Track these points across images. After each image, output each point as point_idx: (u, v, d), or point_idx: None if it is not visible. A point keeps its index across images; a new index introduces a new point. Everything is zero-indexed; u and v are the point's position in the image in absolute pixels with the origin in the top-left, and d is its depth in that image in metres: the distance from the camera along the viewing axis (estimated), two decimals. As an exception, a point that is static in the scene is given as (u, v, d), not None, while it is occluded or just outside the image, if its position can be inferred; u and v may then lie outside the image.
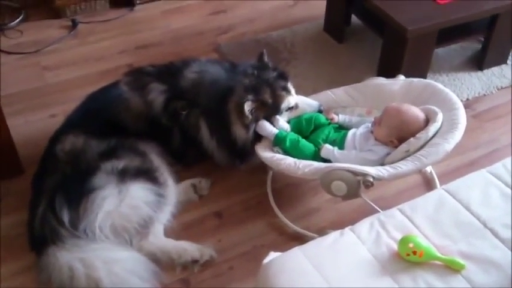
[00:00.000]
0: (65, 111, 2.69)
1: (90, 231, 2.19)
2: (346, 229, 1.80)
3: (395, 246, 1.71)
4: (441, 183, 2.56)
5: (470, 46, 3.42)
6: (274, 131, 2.43)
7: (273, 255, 1.75)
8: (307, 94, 2.69)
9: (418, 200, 1.91)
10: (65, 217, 2.19)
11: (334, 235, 1.77)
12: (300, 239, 2.37)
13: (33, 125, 2.91)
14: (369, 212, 2.29)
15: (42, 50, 3.43)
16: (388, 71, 2.84)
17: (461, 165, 2.71)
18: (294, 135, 2.41)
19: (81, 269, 2.06)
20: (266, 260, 1.71)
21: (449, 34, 2.97)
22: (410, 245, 1.66)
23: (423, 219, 1.81)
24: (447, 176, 2.58)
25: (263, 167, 2.54)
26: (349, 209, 2.47)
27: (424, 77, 2.99)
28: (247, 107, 2.38)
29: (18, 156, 2.62)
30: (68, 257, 2.10)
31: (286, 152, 2.41)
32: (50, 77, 3.25)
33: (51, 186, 2.30)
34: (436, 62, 3.20)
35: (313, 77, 3.22)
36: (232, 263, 2.30)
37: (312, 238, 2.34)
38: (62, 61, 3.37)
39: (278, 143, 2.41)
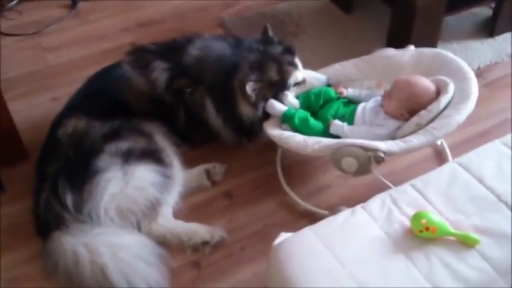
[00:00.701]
0: (68, 94, 2.64)
1: (94, 215, 2.16)
2: (358, 207, 1.76)
3: (407, 223, 1.67)
4: (453, 155, 2.52)
5: (481, 12, 3.33)
6: (283, 108, 2.38)
7: (283, 236, 1.72)
8: (315, 68, 2.63)
9: (430, 175, 1.86)
10: (69, 201, 2.16)
11: (345, 214, 1.73)
12: (310, 217, 2.34)
13: (35, 109, 2.86)
14: (380, 187, 2.25)
15: (42, 31, 3.37)
16: (398, 41, 2.77)
17: (473, 135, 2.65)
18: (303, 113, 2.36)
19: (86, 255, 2.03)
20: (277, 242, 1.68)
21: (459, 1, 2.88)
22: (423, 221, 1.62)
23: (436, 194, 1.77)
24: (459, 148, 2.54)
25: (272, 145, 2.49)
26: (360, 185, 2.43)
27: (435, 46, 2.91)
28: (250, 87, 2.32)
29: (21, 141, 2.58)
30: (72, 242, 2.08)
31: (295, 130, 2.36)
32: (52, 58, 3.20)
33: (54, 170, 2.26)
34: (446, 30, 3.11)
35: (321, 50, 3.15)
36: (243, 243, 2.28)
37: (323, 215, 2.30)
38: (63, 42, 3.31)
39: (287, 120, 2.36)
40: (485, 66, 3.02)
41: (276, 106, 2.38)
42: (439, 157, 2.57)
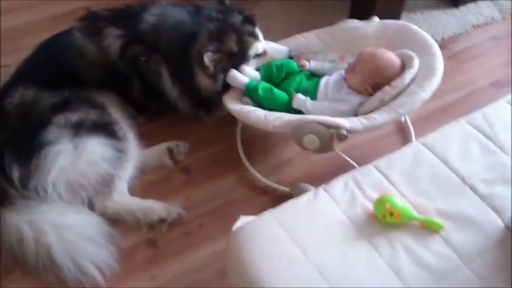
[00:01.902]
0: (18, 61, 2.47)
1: (41, 189, 2.07)
2: (320, 189, 1.70)
3: (371, 207, 1.62)
4: (416, 130, 2.49)
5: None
6: (245, 80, 2.28)
7: (243, 219, 1.65)
8: (276, 38, 2.53)
9: (394, 155, 1.80)
10: (15, 175, 2.06)
11: (307, 197, 1.66)
12: (271, 193, 2.30)
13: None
14: (341, 163, 2.22)
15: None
16: (361, 10, 2.70)
17: (437, 109, 2.61)
18: (266, 84, 2.27)
19: (30, 233, 1.96)
20: (236, 226, 1.61)
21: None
22: (387, 205, 1.57)
23: (399, 176, 1.71)
24: (422, 122, 2.51)
25: (232, 118, 2.36)
26: (322, 160, 2.38)
27: (399, 16, 2.84)
28: (208, 58, 2.22)
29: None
30: (16, 218, 2.00)
31: (256, 103, 2.27)
32: (5, 21, 3.01)
33: (0, 143, 2.14)
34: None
35: (283, 19, 3.04)
36: (201, 221, 2.22)
37: (284, 192, 2.27)
38: (15, 4, 3.12)
39: (249, 93, 2.27)
40: (449, 38, 2.98)
41: (238, 77, 2.29)
42: (402, 131, 2.54)
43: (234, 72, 2.29)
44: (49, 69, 2.33)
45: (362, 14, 2.55)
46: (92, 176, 2.13)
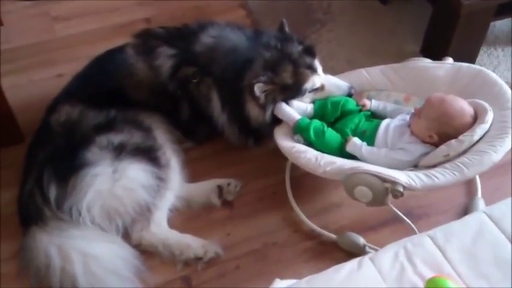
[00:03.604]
0: (73, 71, 2.44)
1: (75, 211, 2.01)
2: (366, 258, 1.53)
3: (421, 286, 1.45)
4: (483, 185, 2.25)
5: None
6: (296, 117, 2.13)
7: (278, 283, 1.52)
8: (339, 65, 2.39)
9: (453, 226, 1.61)
10: (52, 194, 2.02)
11: (350, 266, 1.50)
12: (316, 238, 2.17)
13: (37, 85, 2.67)
14: (394, 215, 2.02)
15: (53, -2, 3.14)
16: (435, 45, 2.49)
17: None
18: (318, 123, 2.11)
19: (58, 260, 1.91)
20: (270, 291, 1.48)
21: (508, 5, 2.54)
22: (440, 290, 1.40)
23: (458, 252, 1.51)
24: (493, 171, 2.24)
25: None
26: (373, 208, 2.17)
27: (476, 54, 2.61)
28: (258, 88, 2.09)
29: (16, 123, 2.41)
30: (46, 240, 1.95)
31: (308, 141, 2.13)
32: (60, 29, 2.98)
33: (41, 160, 2.10)
34: (491, 33, 2.79)
35: (350, 43, 2.87)
36: (239, 262, 2.10)
37: (329, 239, 2.12)
38: (73, 11, 3.07)
39: (300, 131, 2.12)
40: (531, 81, 2.70)
41: (287, 112, 2.15)
42: (467, 184, 2.31)
43: (282, 105, 2.15)
44: (98, 86, 2.29)
45: (435, 48, 2.36)
46: (128, 203, 2.06)
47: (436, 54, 2.36)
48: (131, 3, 3.11)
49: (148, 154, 2.14)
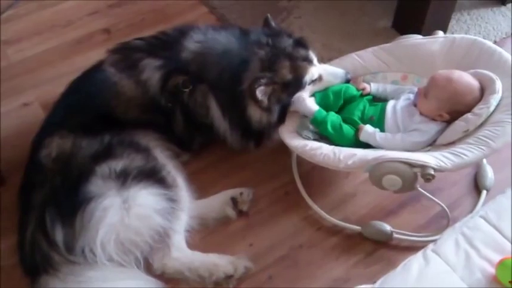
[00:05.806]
0: (40, 98, 2.28)
1: (89, 252, 1.84)
2: (428, 251, 1.50)
3: (491, 270, 1.44)
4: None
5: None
6: (314, 108, 2.07)
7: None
8: (317, 48, 2.30)
9: (499, 201, 1.61)
10: (58, 237, 1.85)
11: (417, 263, 1.47)
12: (340, 233, 2.12)
13: (4, 119, 2.44)
14: (410, 193, 2.00)
15: (-4, 20, 2.88)
16: (408, 17, 2.47)
17: None
18: (334, 116, 2.05)
19: None
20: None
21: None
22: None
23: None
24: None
25: (283, 148, 2.18)
26: (387, 191, 2.17)
27: (448, 21, 2.65)
28: (260, 92, 2.02)
29: (-8, 164, 2.20)
30: None
31: (319, 134, 2.07)
32: (13, 53, 2.74)
33: (40, 201, 1.92)
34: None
35: (322, 28, 2.82)
36: (270, 272, 2.02)
37: (354, 231, 2.08)
38: (22, 31, 2.83)
39: (316, 124, 2.06)
40: (501, 40, 2.77)
41: (307, 103, 2.08)
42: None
43: (303, 97, 2.09)
44: (85, 113, 2.11)
45: (409, 19, 2.34)
46: (145, 232, 1.91)
47: (410, 27, 2.35)
48: (83, 15, 2.91)
49: (154, 176, 2.00)
